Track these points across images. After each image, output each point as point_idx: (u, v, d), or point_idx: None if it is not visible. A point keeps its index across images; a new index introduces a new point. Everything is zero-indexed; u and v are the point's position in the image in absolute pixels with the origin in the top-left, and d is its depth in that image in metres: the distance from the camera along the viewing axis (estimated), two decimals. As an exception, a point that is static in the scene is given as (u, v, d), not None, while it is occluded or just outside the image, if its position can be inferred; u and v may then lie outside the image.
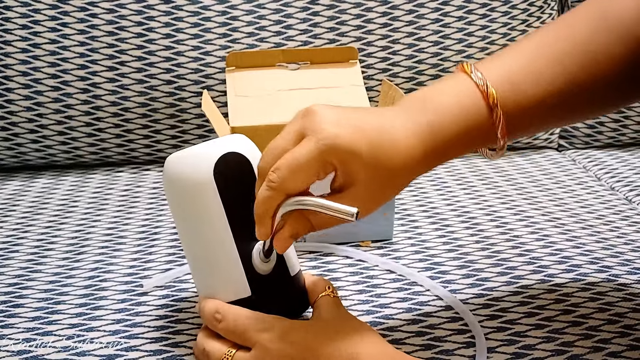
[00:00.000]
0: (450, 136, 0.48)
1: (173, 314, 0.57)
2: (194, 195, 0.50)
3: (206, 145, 0.52)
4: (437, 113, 0.48)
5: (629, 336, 0.55)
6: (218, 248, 0.51)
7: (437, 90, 0.50)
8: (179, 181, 0.51)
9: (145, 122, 0.87)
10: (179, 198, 0.52)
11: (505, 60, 0.51)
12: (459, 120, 0.48)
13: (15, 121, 0.85)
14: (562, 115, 0.53)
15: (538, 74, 0.50)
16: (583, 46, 0.50)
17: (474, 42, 0.91)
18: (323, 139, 0.45)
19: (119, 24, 0.85)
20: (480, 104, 0.48)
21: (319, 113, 0.46)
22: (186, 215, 0.52)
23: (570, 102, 0.51)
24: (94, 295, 0.60)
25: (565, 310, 0.58)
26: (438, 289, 0.60)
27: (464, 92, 0.49)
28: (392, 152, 0.46)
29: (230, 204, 0.50)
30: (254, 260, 0.50)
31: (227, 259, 0.50)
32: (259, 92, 0.75)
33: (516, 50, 0.52)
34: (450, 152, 0.50)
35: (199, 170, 0.50)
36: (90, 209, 0.77)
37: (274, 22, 0.87)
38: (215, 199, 0.50)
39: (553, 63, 0.50)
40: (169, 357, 0.52)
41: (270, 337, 0.47)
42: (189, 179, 0.50)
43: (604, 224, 0.75)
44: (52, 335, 0.54)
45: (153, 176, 0.87)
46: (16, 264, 0.66)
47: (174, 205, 0.53)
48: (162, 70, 0.86)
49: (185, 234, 0.53)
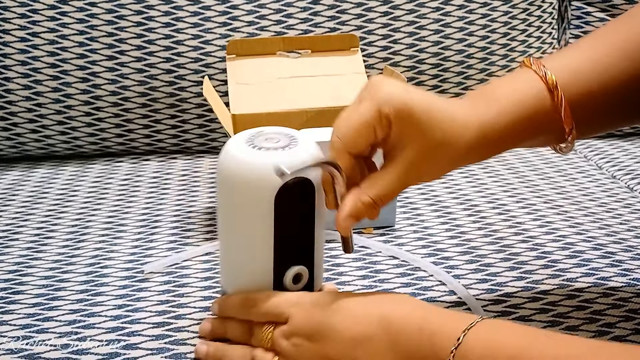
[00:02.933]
0: (513, 121, 0.48)
1: (175, 299, 0.57)
2: (247, 208, 0.49)
3: (274, 157, 0.48)
4: (497, 100, 0.48)
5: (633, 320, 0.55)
6: (255, 262, 0.50)
7: (497, 83, 0.50)
8: (236, 187, 0.49)
9: (145, 111, 0.86)
10: (231, 199, 0.50)
11: (566, 53, 0.51)
12: (519, 106, 0.48)
13: (14, 111, 0.84)
14: (629, 110, 0.52)
15: (602, 64, 0.49)
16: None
17: (475, 31, 0.91)
18: (379, 96, 0.46)
19: (118, 13, 0.84)
20: (540, 88, 0.48)
21: (377, 80, 0.47)
22: (234, 217, 0.51)
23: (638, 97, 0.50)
24: (94, 282, 0.60)
25: (570, 295, 0.58)
26: (441, 275, 0.60)
27: (524, 80, 0.49)
28: (447, 121, 0.46)
29: (281, 225, 0.49)
30: (285, 281, 0.50)
31: (261, 273, 0.50)
32: (259, 80, 0.75)
33: (579, 44, 0.52)
34: (511, 139, 0.49)
35: (260, 192, 0.48)
36: (89, 199, 0.77)
37: (274, 11, 0.87)
38: (269, 220, 0.48)
39: (617, 54, 0.50)
40: (171, 342, 0.52)
41: (303, 306, 0.47)
42: (247, 195, 0.49)
43: (607, 211, 0.74)
44: (52, 321, 0.54)
45: (153, 166, 0.86)
46: (16, 252, 0.65)
47: (223, 201, 0.51)
48: (162, 59, 0.85)
49: (227, 231, 0.52)
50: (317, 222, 0.51)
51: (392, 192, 0.47)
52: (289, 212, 0.49)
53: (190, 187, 0.80)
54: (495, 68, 0.92)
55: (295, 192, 0.49)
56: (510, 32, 0.92)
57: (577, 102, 0.49)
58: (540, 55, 0.95)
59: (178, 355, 0.51)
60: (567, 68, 0.49)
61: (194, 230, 0.69)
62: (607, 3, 0.97)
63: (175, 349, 0.51)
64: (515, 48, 0.93)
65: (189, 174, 0.84)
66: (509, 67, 0.93)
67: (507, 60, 0.93)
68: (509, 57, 0.93)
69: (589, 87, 0.49)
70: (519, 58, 0.93)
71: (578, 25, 0.99)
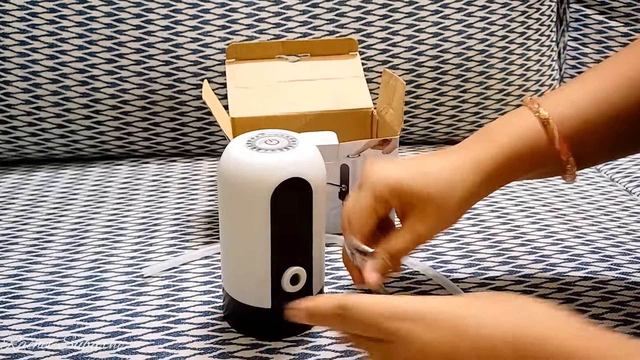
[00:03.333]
0: (511, 155, 0.51)
1: (174, 303, 0.57)
2: (245, 208, 0.50)
3: (271, 157, 0.49)
4: (495, 137, 0.51)
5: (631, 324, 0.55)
6: (253, 262, 0.51)
7: (495, 122, 0.53)
8: (234, 187, 0.50)
9: (144, 114, 0.86)
10: (230, 199, 0.51)
11: (568, 86, 0.54)
12: (517, 140, 0.51)
13: (13, 114, 0.85)
14: (632, 139, 0.53)
15: (602, 94, 0.51)
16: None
17: (474, 34, 0.91)
18: (372, 181, 0.50)
19: (117, 16, 0.84)
20: (536, 122, 0.51)
21: (368, 167, 0.51)
22: (233, 217, 0.51)
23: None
24: (94, 286, 0.60)
25: (569, 299, 0.58)
26: (440, 278, 0.60)
27: (521, 117, 0.52)
28: (443, 180, 0.50)
29: (278, 226, 0.49)
30: (283, 282, 0.51)
31: (258, 271, 0.51)
32: (259, 83, 0.75)
33: (581, 77, 0.54)
34: (513, 173, 0.52)
35: (256, 192, 0.49)
36: (89, 202, 0.77)
37: (273, 14, 0.87)
38: (266, 220, 0.49)
39: (618, 84, 0.51)
40: (171, 346, 0.52)
41: (413, 325, 0.39)
42: (244, 195, 0.49)
43: (605, 214, 0.75)
44: (52, 325, 0.54)
45: (152, 169, 0.86)
46: (16, 255, 0.65)
47: (223, 201, 0.52)
48: (161, 62, 0.85)
49: (227, 231, 0.52)
50: (316, 223, 0.51)
51: (408, 248, 0.51)
52: (286, 212, 0.49)
53: (190, 190, 0.80)
54: (494, 71, 0.92)
55: (292, 192, 0.49)
56: (509, 35, 0.92)
57: (577, 134, 0.51)
58: (539, 59, 0.95)
59: (178, 359, 0.51)
60: (567, 101, 0.52)
61: (194, 233, 0.69)
62: (605, 6, 0.98)
63: (175, 353, 0.51)
64: (514, 51, 0.93)
65: (188, 176, 0.84)
66: (507, 70, 0.93)
67: (505, 62, 0.93)
68: (507, 60, 0.93)
69: (588, 118, 0.51)
70: (517, 61, 0.94)
71: (576, 27, 0.99)
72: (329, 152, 0.65)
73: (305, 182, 0.49)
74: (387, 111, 0.71)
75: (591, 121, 0.51)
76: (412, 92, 0.91)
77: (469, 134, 0.95)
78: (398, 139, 0.67)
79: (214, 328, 0.54)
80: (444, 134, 0.95)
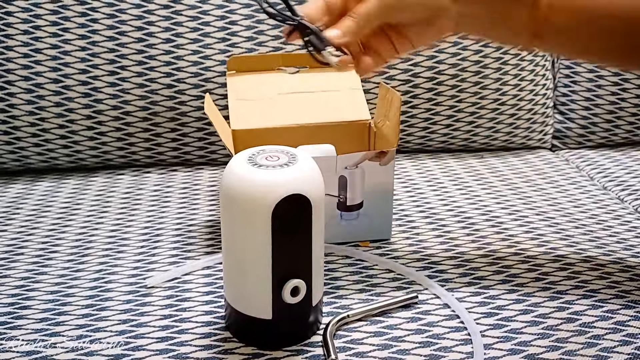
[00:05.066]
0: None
1: (177, 313, 0.59)
2: (247, 222, 0.51)
3: (272, 174, 0.51)
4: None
5: (630, 343, 0.56)
6: (254, 274, 0.52)
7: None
8: (236, 202, 0.51)
9: (146, 125, 0.88)
10: (232, 214, 0.52)
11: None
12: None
13: (17, 125, 0.86)
14: (608, 44, 0.55)
15: None
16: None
17: (469, 45, 0.93)
18: None
19: (119, 29, 0.86)
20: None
21: None
22: (235, 231, 0.53)
23: (624, 30, 0.53)
24: (99, 297, 0.61)
25: (560, 307, 0.59)
26: (435, 288, 0.62)
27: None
28: None
29: (279, 240, 0.51)
30: (284, 294, 0.52)
31: (259, 283, 0.52)
32: (259, 95, 0.76)
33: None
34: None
35: (258, 208, 0.50)
36: (92, 212, 0.78)
37: (272, 27, 0.89)
38: (267, 234, 0.51)
39: None
40: (175, 356, 0.54)
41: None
42: (246, 210, 0.51)
43: (597, 222, 0.76)
44: (59, 336, 0.56)
45: (154, 179, 0.88)
46: (22, 266, 0.67)
47: (225, 215, 0.53)
48: (163, 74, 0.87)
49: (229, 244, 0.54)
50: (315, 236, 0.53)
51: (373, 13, 0.55)
52: (286, 226, 0.51)
53: (191, 199, 0.82)
54: (489, 81, 0.94)
55: (292, 207, 0.51)
56: (503, 46, 0.94)
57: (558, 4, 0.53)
58: (532, 69, 0.97)
59: (182, 369, 0.52)
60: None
61: (196, 243, 0.71)
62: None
63: (179, 363, 0.53)
64: (508, 61, 0.95)
65: (189, 186, 0.85)
66: (502, 81, 0.95)
67: (500, 73, 0.95)
68: (501, 70, 0.95)
69: None
70: (511, 71, 0.95)
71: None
72: (328, 164, 0.66)
73: (304, 198, 0.51)
74: (384, 123, 0.73)
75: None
76: (408, 102, 0.92)
77: (464, 142, 0.97)
78: (395, 150, 0.68)
79: (216, 338, 0.56)
80: (440, 142, 0.96)
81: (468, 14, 0.56)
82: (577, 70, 1.00)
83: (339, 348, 0.54)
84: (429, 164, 0.93)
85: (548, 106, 1.00)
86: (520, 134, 0.99)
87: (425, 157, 0.96)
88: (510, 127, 0.97)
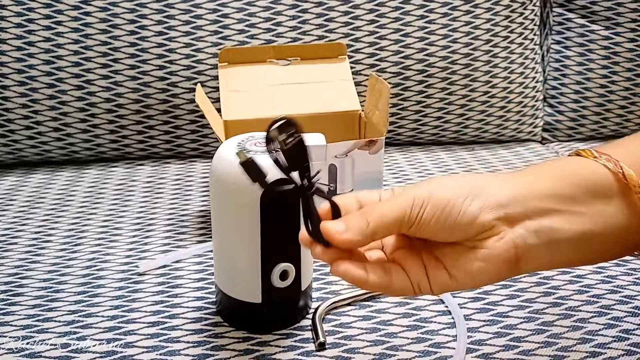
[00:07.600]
0: (554, 176, 0.44)
1: (169, 299, 0.59)
2: (236, 208, 0.52)
3: (261, 160, 0.49)
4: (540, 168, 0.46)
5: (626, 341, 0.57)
6: (244, 259, 0.53)
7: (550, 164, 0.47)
8: (225, 188, 0.52)
9: (138, 118, 0.89)
10: (221, 199, 0.53)
11: (629, 145, 0.46)
12: (569, 172, 0.44)
13: (11, 118, 0.87)
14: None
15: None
16: None
17: (459, 38, 0.94)
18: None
19: (112, 22, 0.87)
20: (609, 180, 0.44)
21: None
22: (224, 216, 0.53)
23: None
24: (92, 284, 0.62)
25: (555, 303, 0.60)
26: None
27: (591, 168, 0.44)
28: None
29: (268, 224, 0.52)
30: (273, 278, 0.53)
31: (249, 268, 0.53)
32: (250, 87, 0.77)
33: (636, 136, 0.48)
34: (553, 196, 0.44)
35: (246, 193, 0.51)
36: (85, 203, 0.79)
37: (264, 19, 0.89)
38: (256, 219, 0.51)
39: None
40: (166, 339, 0.54)
41: None
42: (235, 195, 0.52)
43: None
44: (52, 321, 0.56)
45: (147, 171, 0.88)
46: (15, 255, 0.67)
47: (215, 201, 0.54)
48: (155, 67, 0.87)
49: (218, 230, 0.55)
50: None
51: (391, 219, 0.42)
52: (275, 211, 0.52)
53: (184, 190, 0.82)
54: (479, 74, 0.95)
55: (281, 192, 0.51)
56: (493, 39, 0.95)
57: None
58: (522, 62, 0.98)
59: (173, 352, 0.53)
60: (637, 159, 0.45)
61: (187, 232, 0.72)
62: (587, 10, 1.00)
63: (170, 346, 0.54)
64: (498, 54, 0.96)
65: (182, 178, 0.86)
66: (492, 73, 0.96)
67: (490, 65, 0.95)
68: (491, 63, 0.96)
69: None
70: (501, 64, 0.96)
71: (559, 31, 1.02)
72: (318, 152, 0.67)
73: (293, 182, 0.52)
74: (373, 113, 0.74)
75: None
76: (399, 95, 0.93)
77: (455, 135, 0.98)
78: (384, 139, 0.69)
79: (207, 322, 0.56)
80: (431, 134, 0.97)
81: None
82: (566, 64, 1.01)
83: (327, 331, 0.55)
84: (420, 157, 0.94)
85: (538, 99, 1.01)
86: (510, 126, 0.99)
87: (416, 149, 0.96)
88: (501, 120, 0.98)
